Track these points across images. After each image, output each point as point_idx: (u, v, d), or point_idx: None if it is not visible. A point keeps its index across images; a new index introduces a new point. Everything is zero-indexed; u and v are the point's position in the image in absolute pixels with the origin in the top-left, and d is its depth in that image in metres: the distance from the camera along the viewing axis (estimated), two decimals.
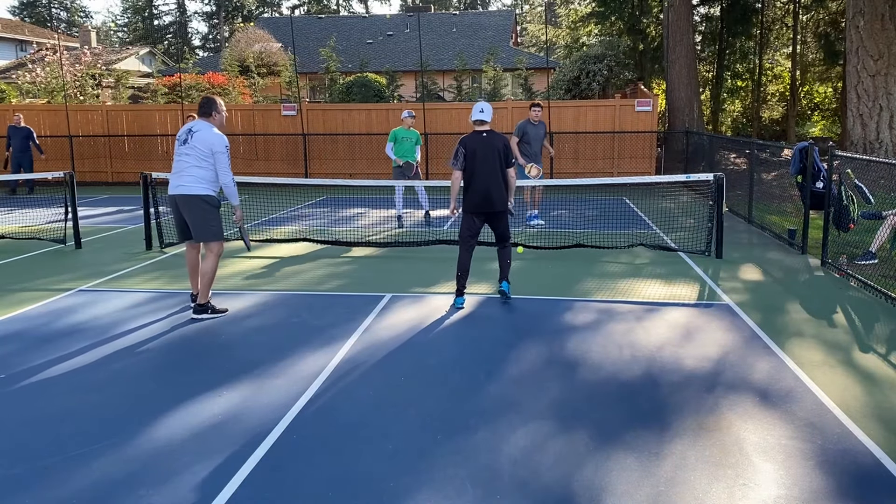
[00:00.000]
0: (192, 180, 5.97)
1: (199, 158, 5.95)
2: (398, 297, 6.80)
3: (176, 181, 6.05)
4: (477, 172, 6.31)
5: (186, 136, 6.01)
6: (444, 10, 53.98)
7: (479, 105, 6.42)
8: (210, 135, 5.95)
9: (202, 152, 5.94)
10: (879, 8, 13.93)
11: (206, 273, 6.10)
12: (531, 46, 40.77)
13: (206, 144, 5.93)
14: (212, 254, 6.12)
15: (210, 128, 6.01)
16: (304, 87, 25.99)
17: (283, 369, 4.90)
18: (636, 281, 7.39)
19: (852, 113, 14.84)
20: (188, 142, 5.97)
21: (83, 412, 4.23)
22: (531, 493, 3.29)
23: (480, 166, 6.30)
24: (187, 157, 5.98)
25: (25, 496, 3.30)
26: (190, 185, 5.97)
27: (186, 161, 5.98)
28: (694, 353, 5.13)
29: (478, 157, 6.29)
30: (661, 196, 14.50)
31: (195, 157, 5.95)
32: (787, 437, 3.82)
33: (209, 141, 5.93)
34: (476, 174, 6.31)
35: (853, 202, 7.96)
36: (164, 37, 62.12)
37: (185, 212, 6.05)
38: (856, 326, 5.79)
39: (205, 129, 5.98)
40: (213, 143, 5.94)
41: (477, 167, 6.30)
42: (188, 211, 6.03)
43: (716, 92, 26.11)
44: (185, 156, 5.99)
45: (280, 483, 3.40)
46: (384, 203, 13.92)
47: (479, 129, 6.40)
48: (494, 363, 4.98)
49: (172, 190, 6.08)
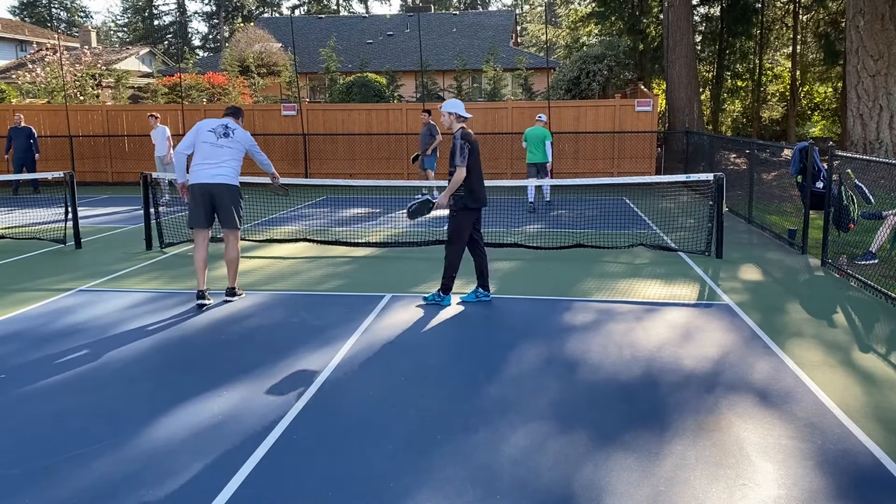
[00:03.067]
0: (231, 171, 6.56)
1: (238, 152, 6.63)
2: (398, 297, 6.80)
3: (213, 170, 6.49)
4: (477, 169, 6.32)
5: (226, 131, 6.60)
6: (444, 10, 53.97)
7: (460, 103, 6.41)
8: (247, 134, 6.75)
9: (241, 148, 6.65)
10: (879, 8, 13.94)
11: (233, 259, 6.73)
12: (531, 46, 40.78)
13: (247, 142, 6.70)
14: (234, 239, 6.69)
15: (240, 127, 6.75)
16: (304, 87, 25.99)
17: (283, 369, 4.90)
18: (636, 281, 7.38)
19: (852, 113, 14.83)
20: (229, 136, 6.58)
21: (83, 412, 4.23)
22: (531, 493, 3.29)
23: (477, 163, 6.33)
24: (228, 149, 6.56)
25: (25, 496, 3.30)
26: (229, 176, 6.54)
27: (226, 154, 6.55)
28: (694, 353, 5.13)
29: (475, 153, 6.30)
30: (661, 196, 14.50)
31: (236, 151, 6.61)
32: (787, 437, 3.81)
33: (248, 139, 6.74)
34: (476, 171, 6.31)
35: (853, 202, 7.96)
36: (164, 37, 62.12)
37: (220, 199, 6.52)
38: (856, 326, 5.79)
39: (241, 129, 6.71)
40: (251, 141, 6.78)
41: (476, 164, 6.32)
42: (224, 199, 6.52)
43: (716, 92, 26.11)
44: (225, 148, 6.55)
45: (280, 483, 3.40)
46: (384, 203, 13.92)
47: (465, 126, 6.37)
48: (494, 363, 4.98)
49: (209, 178, 6.49)
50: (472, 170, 6.27)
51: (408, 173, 17.15)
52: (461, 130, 6.28)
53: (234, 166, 6.59)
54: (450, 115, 6.36)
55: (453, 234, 6.44)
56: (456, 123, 6.34)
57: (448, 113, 6.36)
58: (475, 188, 6.31)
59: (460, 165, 6.17)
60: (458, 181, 6.20)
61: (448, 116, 6.37)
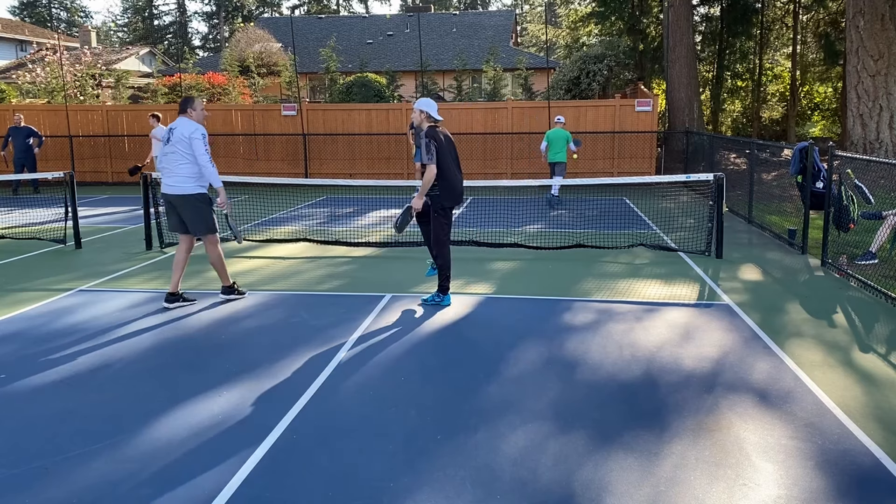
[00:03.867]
0: (182, 179, 6.28)
1: (182, 154, 6.24)
2: (398, 297, 6.79)
3: (167, 180, 6.37)
4: (448, 166, 6.26)
5: (168, 135, 6.33)
6: (444, 10, 53.98)
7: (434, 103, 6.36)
8: (188, 131, 6.23)
9: (184, 146, 6.23)
10: (879, 8, 13.93)
11: (214, 262, 6.61)
12: (531, 46, 40.78)
13: (185, 135, 6.21)
14: (210, 244, 6.54)
15: (188, 121, 6.31)
16: (304, 87, 26.00)
17: (283, 369, 4.90)
18: (636, 281, 7.38)
19: (852, 113, 14.83)
20: (170, 140, 6.29)
21: (83, 412, 4.23)
22: (531, 493, 3.29)
23: (447, 159, 6.26)
24: (172, 154, 6.29)
25: (25, 496, 3.30)
26: (181, 185, 6.29)
27: (172, 159, 6.29)
28: (694, 353, 5.13)
29: (444, 150, 6.22)
30: (661, 196, 14.50)
31: (179, 154, 6.25)
32: (787, 437, 3.81)
33: (186, 137, 6.21)
34: (448, 168, 6.25)
35: (853, 202, 7.96)
36: (164, 37, 62.11)
37: (181, 210, 6.40)
38: (856, 326, 5.79)
39: (183, 125, 6.28)
40: (189, 132, 6.22)
41: (448, 161, 6.26)
42: (184, 209, 6.38)
43: (716, 92, 26.09)
44: (170, 154, 6.30)
45: (280, 483, 3.40)
46: (384, 203, 13.92)
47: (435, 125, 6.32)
48: (494, 363, 4.98)
49: (165, 189, 6.42)
50: (445, 167, 6.20)
51: (408, 173, 17.15)
52: (429, 128, 6.22)
53: (185, 171, 6.23)
54: (420, 113, 6.30)
55: (438, 235, 6.41)
56: (426, 122, 6.29)
57: (420, 111, 6.30)
58: (449, 185, 6.24)
59: (428, 163, 6.11)
60: (429, 179, 6.15)
61: (419, 114, 6.30)
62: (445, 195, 6.29)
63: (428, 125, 6.27)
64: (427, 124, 6.28)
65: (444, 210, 6.35)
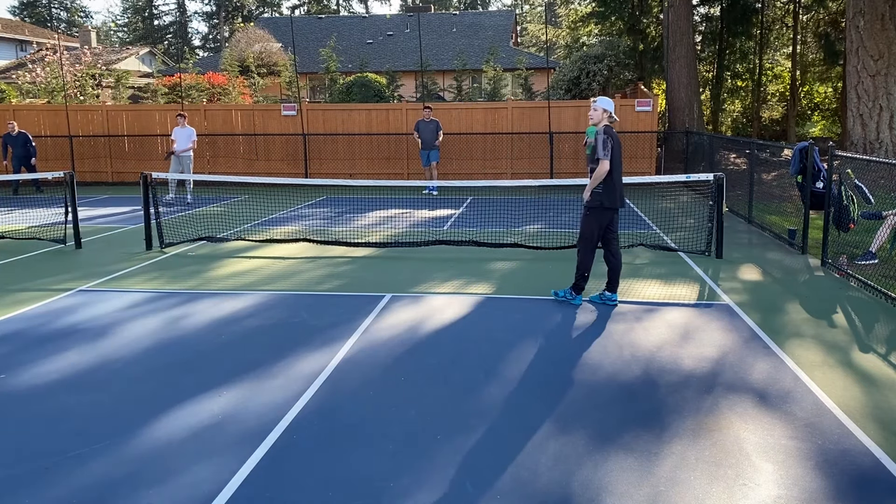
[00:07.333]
0: None
1: None
2: (398, 297, 6.80)
3: None
4: (616, 167, 6.28)
5: None
6: (444, 10, 53.96)
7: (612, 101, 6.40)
8: None
9: None
10: (879, 8, 13.93)
11: None
12: (531, 46, 40.77)
13: None
14: None
15: None
16: (304, 87, 25.99)
17: (283, 369, 4.90)
18: (636, 281, 7.38)
19: (852, 113, 14.83)
20: None
21: (83, 412, 4.23)
22: (531, 493, 3.29)
23: (617, 161, 6.30)
24: None
25: (25, 496, 3.30)
26: None
27: None
28: (693, 353, 5.13)
29: (617, 149, 6.29)
30: (661, 196, 14.50)
31: None
32: (786, 437, 3.82)
33: None
34: (616, 169, 6.28)
35: (853, 202, 7.96)
36: (164, 37, 62.11)
37: None
38: (856, 326, 5.79)
39: None
40: None
41: (617, 162, 6.30)
42: None
43: (716, 92, 26.08)
44: None
45: (280, 483, 3.40)
46: (384, 203, 13.92)
47: (611, 124, 6.39)
48: (494, 363, 4.99)
49: None
50: (612, 167, 6.21)
51: (408, 173, 17.15)
52: (606, 126, 6.29)
53: None
54: (603, 112, 6.31)
55: (584, 232, 6.50)
56: (606, 120, 6.32)
57: (602, 109, 6.31)
58: (613, 185, 6.27)
59: (603, 158, 6.16)
60: (601, 174, 6.19)
61: (601, 112, 6.31)
62: (606, 194, 6.29)
63: (605, 124, 6.32)
64: (605, 122, 6.32)
65: (597, 209, 6.35)
